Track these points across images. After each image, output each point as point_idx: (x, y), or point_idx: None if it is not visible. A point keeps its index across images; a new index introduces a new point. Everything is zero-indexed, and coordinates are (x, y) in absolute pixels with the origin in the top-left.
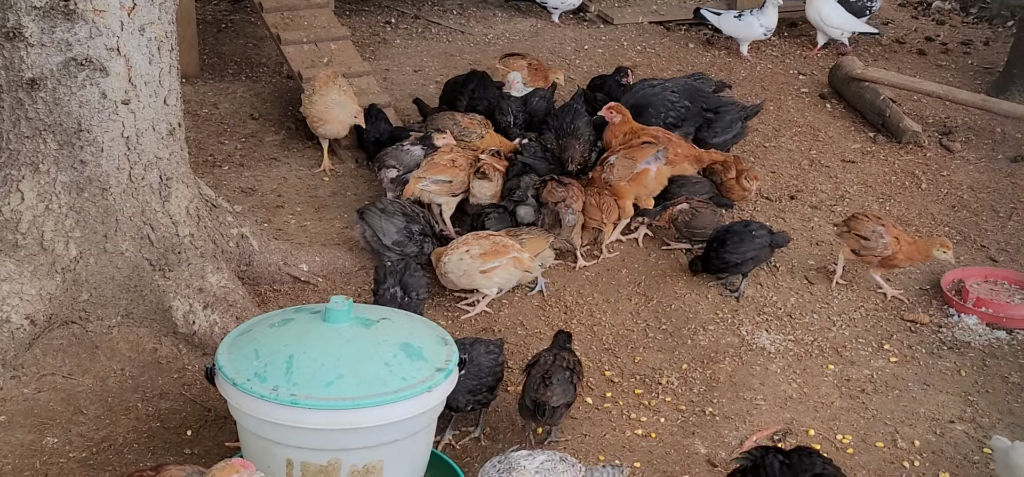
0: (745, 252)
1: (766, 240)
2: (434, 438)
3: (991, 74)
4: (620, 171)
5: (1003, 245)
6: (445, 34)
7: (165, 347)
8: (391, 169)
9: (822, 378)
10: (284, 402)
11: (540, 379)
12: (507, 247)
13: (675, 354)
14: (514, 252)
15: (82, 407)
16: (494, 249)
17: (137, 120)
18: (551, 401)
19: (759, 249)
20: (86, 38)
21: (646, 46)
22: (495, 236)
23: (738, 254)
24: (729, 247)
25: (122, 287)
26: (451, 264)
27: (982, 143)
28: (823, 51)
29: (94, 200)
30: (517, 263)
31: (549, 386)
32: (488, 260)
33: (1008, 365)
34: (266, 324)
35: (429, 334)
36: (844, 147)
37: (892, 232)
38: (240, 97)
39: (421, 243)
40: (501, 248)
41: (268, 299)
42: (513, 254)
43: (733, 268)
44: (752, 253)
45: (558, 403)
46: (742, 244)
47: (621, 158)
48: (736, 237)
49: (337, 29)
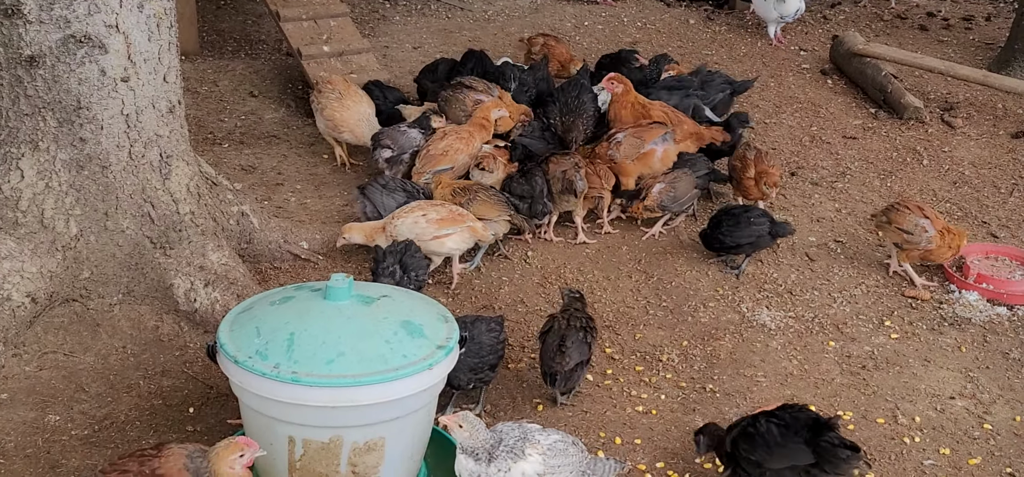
0: (740, 237)
1: (765, 228)
2: (435, 415)
3: (992, 50)
4: (627, 150)
5: (1004, 221)
6: (444, 10)
7: (166, 325)
8: (386, 150)
9: (823, 355)
10: (285, 380)
11: (556, 347)
12: (463, 216)
13: (676, 331)
14: (470, 221)
15: (84, 385)
16: (451, 217)
17: (137, 97)
18: (565, 367)
19: (756, 236)
20: (85, 15)
21: (646, 23)
22: (451, 205)
23: (732, 238)
24: (724, 229)
25: (123, 265)
26: (404, 227)
27: (983, 119)
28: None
29: (94, 178)
30: (472, 232)
31: (564, 352)
32: (444, 226)
33: (1009, 341)
34: (267, 302)
35: (430, 311)
36: (845, 123)
37: (938, 224)
38: (239, 74)
39: None
40: (457, 216)
41: (269, 277)
42: (469, 223)
43: (728, 250)
44: (748, 239)
45: (572, 365)
46: (737, 228)
47: (629, 136)
48: (732, 220)
49: (336, 6)
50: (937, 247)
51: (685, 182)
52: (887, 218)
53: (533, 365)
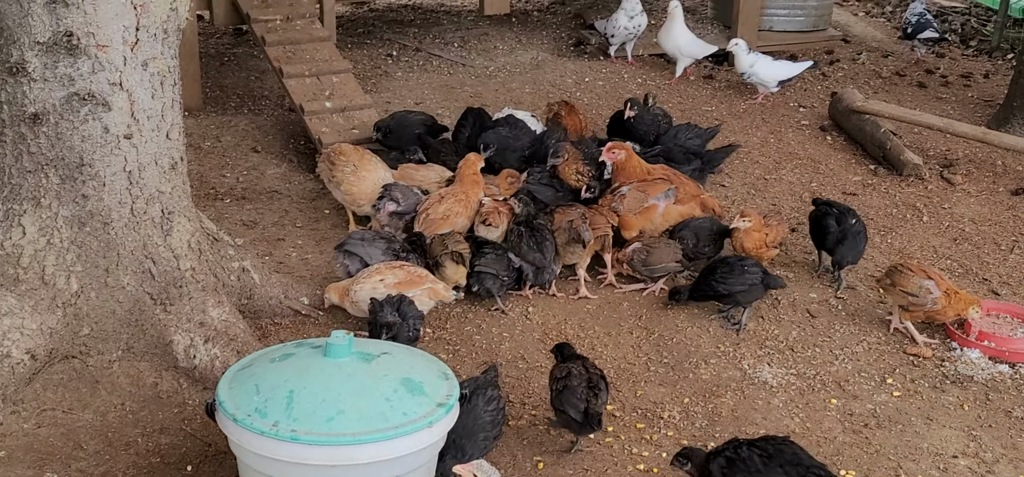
0: (733, 285)
1: (758, 278)
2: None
3: (991, 107)
4: (631, 203)
5: (1005, 278)
6: (446, 66)
7: (166, 381)
8: (392, 203)
9: (825, 413)
10: (284, 438)
11: (586, 386)
12: (422, 277)
13: (677, 388)
14: (429, 283)
15: (82, 442)
16: (409, 279)
17: (139, 154)
18: (599, 407)
19: (749, 286)
20: (89, 73)
21: (647, 79)
22: (409, 266)
23: (726, 285)
24: (718, 276)
25: (123, 321)
26: (364, 292)
27: (983, 176)
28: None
29: (96, 234)
30: (432, 293)
31: (599, 394)
32: (404, 289)
33: (1011, 399)
34: (267, 359)
35: (430, 369)
36: (845, 180)
37: (943, 285)
38: (242, 130)
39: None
40: (417, 278)
41: (269, 333)
42: (428, 284)
43: (721, 298)
44: (740, 288)
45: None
46: (731, 276)
47: (634, 189)
48: (727, 268)
49: (339, 62)
50: (942, 307)
51: (664, 251)
52: (891, 280)
53: (533, 422)
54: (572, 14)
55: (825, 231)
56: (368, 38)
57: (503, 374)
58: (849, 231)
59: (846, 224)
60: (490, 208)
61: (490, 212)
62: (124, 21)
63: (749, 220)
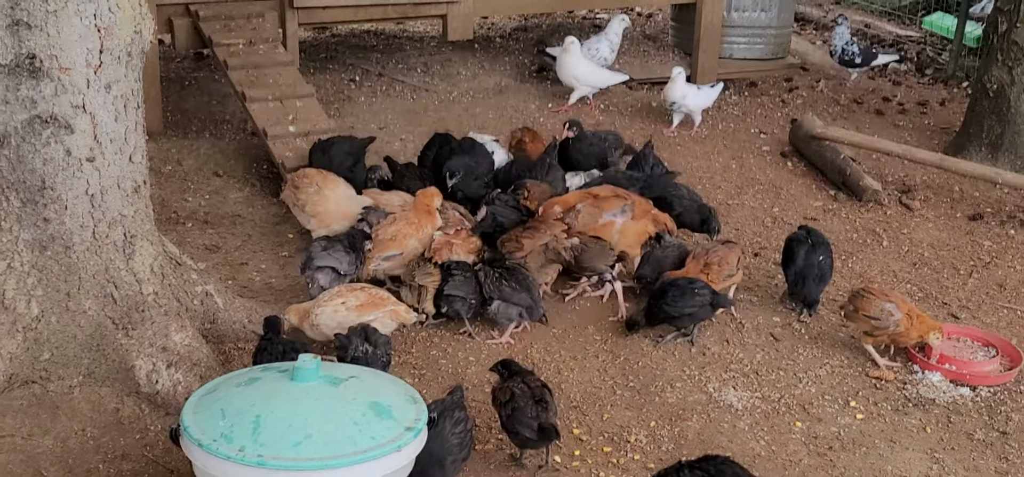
0: (684, 307)
1: (707, 298)
2: None
3: (948, 133)
4: (585, 219)
5: (964, 302)
6: (409, 91)
7: (127, 407)
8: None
9: (790, 435)
10: (251, 463)
11: (533, 403)
12: (384, 299)
13: (643, 412)
14: (391, 305)
15: (42, 469)
16: (371, 301)
17: (102, 178)
18: (552, 419)
19: (699, 306)
20: (51, 96)
21: (610, 105)
22: (370, 288)
23: (677, 308)
24: (669, 300)
25: (84, 346)
26: (325, 316)
27: (941, 201)
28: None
29: (57, 258)
30: (394, 316)
31: (547, 406)
32: (365, 312)
33: (973, 422)
34: (232, 383)
35: (398, 392)
36: (806, 205)
37: (904, 308)
38: (204, 154)
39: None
40: (378, 300)
41: (233, 358)
42: (390, 307)
43: (672, 321)
44: (691, 309)
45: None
46: (682, 298)
47: (587, 206)
48: (677, 291)
49: (302, 87)
50: (905, 330)
51: (597, 253)
52: (854, 307)
53: (501, 445)
54: (534, 40)
55: (790, 258)
56: (331, 63)
57: (470, 398)
58: (812, 265)
59: (811, 258)
60: (439, 243)
61: (438, 248)
62: (88, 44)
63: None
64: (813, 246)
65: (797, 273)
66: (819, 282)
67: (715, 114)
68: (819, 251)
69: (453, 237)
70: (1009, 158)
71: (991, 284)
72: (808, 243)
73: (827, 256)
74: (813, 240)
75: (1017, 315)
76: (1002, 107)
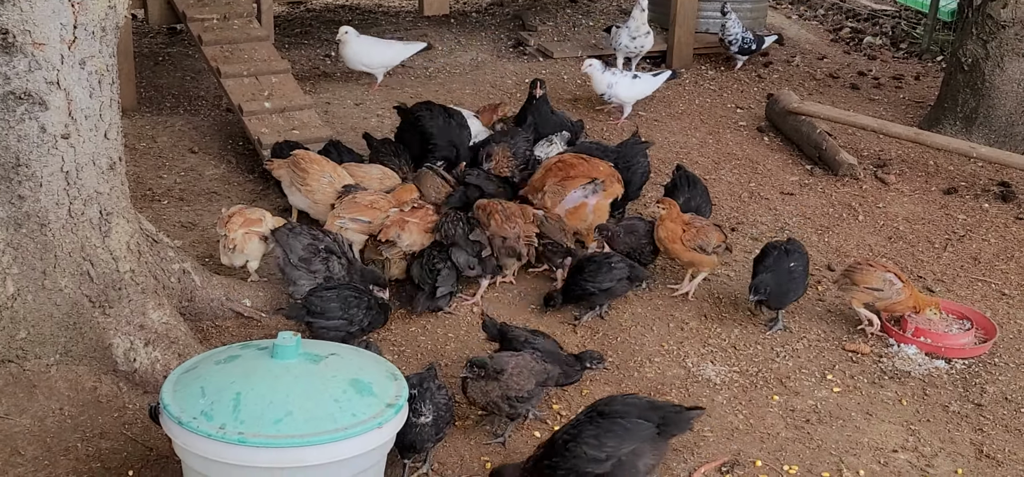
0: (601, 282)
1: (625, 273)
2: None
3: (922, 108)
4: (551, 198)
5: (939, 275)
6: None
7: (105, 385)
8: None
9: (767, 409)
10: (232, 441)
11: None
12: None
13: (622, 386)
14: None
15: (20, 448)
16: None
17: (77, 154)
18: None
19: (616, 281)
20: (25, 72)
21: (586, 79)
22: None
23: (594, 284)
24: (586, 275)
25: (61, 324)
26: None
27: (916, 175)
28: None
29: (32, 236)
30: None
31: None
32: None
33: (948, 394)
34: (212, 361)
35: (379, 369)
36: (783, 180)
37: (902, 278)
38: (179, 130)
39: (327, 260)
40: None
41: (211, 336)
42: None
43: (590, 297)
44: (608, 284)
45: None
46: (599, 274)
47: (552, 186)
48: (594, 266)
49: (277, 62)
50: (904, 298)
51: (554, 231)
52: (850, 280)
53: (480, 422)
54: (511, 15)
55: (762, 257)
56: (306, 38)
57: (449, 374)
58: (782, 270)
59: (782, 264)
60: (391, 221)
61: (388, 227)
62: (61, 18)
63: (664, 208)
64: (783, 253)
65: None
66: (786, 293)
67: (692, 90)
68: (790, 257)
69: (408, 214)
70: (983, 132)
71: (966, 257)
72: (779, 248)
73: (800, 264)
74: (787, 248)
75: (991, 288)
76: (976, 81)
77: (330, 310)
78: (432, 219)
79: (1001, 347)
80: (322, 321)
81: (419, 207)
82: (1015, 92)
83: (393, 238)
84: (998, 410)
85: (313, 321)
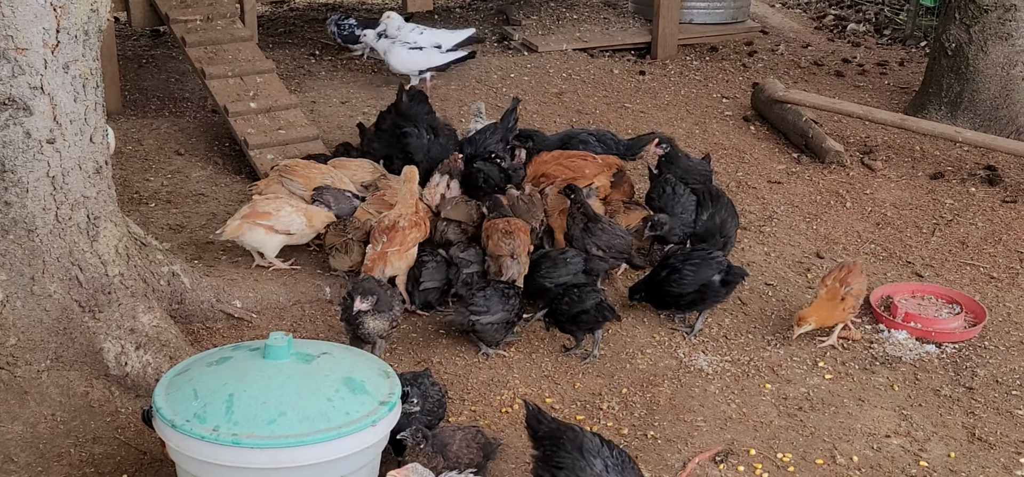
0: (558, 277)
1: (580, 267)
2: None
3: (907, 94)
4: (553, 202)
5: (928, 260)
6: (370, 65)
7: (97, 390)
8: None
9: (760, 397)
10: (226, 442)
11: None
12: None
13: (614, 379)
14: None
15: (12, 455)
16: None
17: (63, 159)
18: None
19: (573, 275)
20: (8, 77)
21: (571, 73)
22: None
23: (550, 279)
24: (543, 272)
25: (51, 330)
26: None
27: (902, 161)
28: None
29: (20, 242)
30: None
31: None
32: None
33: (939, 378)
34: (204, 363)
35: (371, 367)
36: (770, 168)
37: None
38: (164, 133)
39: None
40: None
41: (201, 337)
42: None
43: (546, 291)
44: (565, 279)
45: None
46: (555, 270)
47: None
48: (550, 262)
49: (262, 62)
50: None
51: (529, 209)
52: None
53: (473, 418)
54: (495, 10)
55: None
56: (289, 38)
57: (441, 371)
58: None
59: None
60: (371, 259)
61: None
62: (43, 23)
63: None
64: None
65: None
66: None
67: (677, 80)
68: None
69: (387, 246)
70: (969, 116)
71: (953, 242)
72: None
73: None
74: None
75: (980, 271)
76: (960, 66)
77: (492, 306)
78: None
79: (991, 330)
80: (488, 317)
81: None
82: (999, 76)
83: (378, 275)
84: (989, 393)
85: (478, 319)
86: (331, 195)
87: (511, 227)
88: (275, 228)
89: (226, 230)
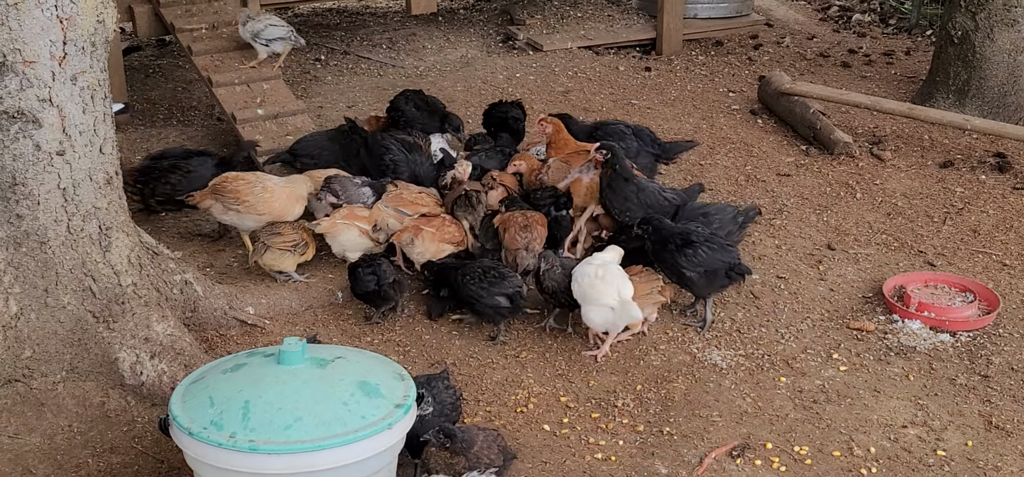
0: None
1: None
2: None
3: (914, 83)
4: (554, 174)
5: (940, 249)
6: (376, 68)
7: (113, 400)
8: (332, 196)
9: (775, 391)
10: (243, 449)
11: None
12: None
13: (629, 375)
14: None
15: (30, 467)
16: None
17: (73, 171)
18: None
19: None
20: (17, 90)
21: (577, 71)
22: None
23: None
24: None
25: (65, 341)
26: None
27: (911, 151)
28: None
29: (32, 254)
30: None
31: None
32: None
33: (954, 367)
34: (219, 370)
35: (385, 370)
36: (778, 161)
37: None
38: (173, 142)
39: None
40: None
41: (215, 345)
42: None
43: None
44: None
45: None
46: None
47: (557, 161)
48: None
49: (268, 69)
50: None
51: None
52: None
53: (488, 419)
54: (499, 10)
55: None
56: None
57: (456, 372)
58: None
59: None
60: (407, 226)
61: (405, 230)
62: (51, 36)
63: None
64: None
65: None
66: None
67: (684, 75)
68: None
69: (423, 222)
70: (977, 104)
71: (965, 230)
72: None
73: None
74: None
75: (992, 259)
76: (967, 53)
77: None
78: (449, 231)
79: (1005, 317)
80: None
81: (435, 216)
82: (1006, 62)
83: (405, 244)
84: (1005, 381)
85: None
86: (338, 184)
87: (528, 220)
88: (369, 232)
89: (321, 224)
